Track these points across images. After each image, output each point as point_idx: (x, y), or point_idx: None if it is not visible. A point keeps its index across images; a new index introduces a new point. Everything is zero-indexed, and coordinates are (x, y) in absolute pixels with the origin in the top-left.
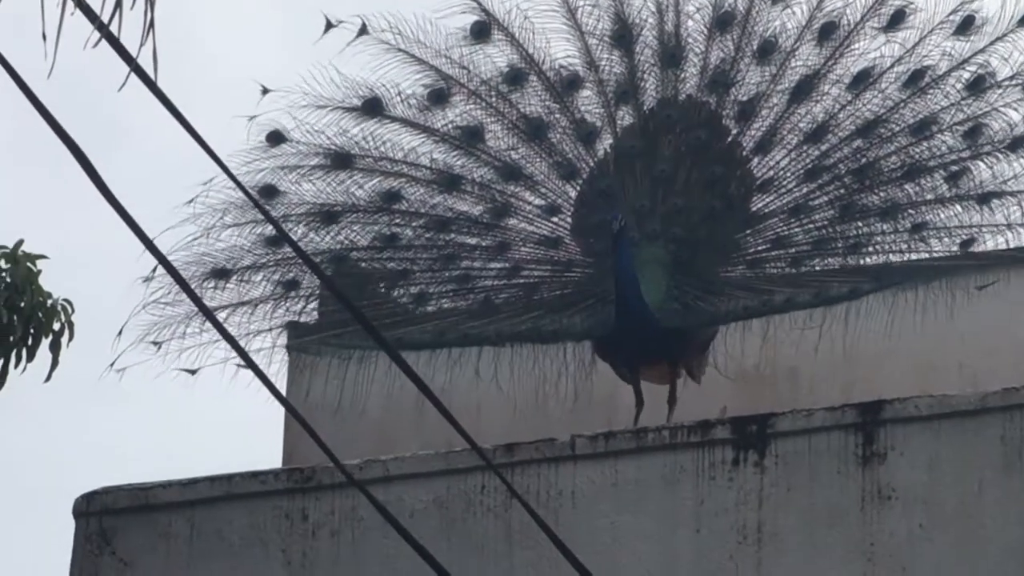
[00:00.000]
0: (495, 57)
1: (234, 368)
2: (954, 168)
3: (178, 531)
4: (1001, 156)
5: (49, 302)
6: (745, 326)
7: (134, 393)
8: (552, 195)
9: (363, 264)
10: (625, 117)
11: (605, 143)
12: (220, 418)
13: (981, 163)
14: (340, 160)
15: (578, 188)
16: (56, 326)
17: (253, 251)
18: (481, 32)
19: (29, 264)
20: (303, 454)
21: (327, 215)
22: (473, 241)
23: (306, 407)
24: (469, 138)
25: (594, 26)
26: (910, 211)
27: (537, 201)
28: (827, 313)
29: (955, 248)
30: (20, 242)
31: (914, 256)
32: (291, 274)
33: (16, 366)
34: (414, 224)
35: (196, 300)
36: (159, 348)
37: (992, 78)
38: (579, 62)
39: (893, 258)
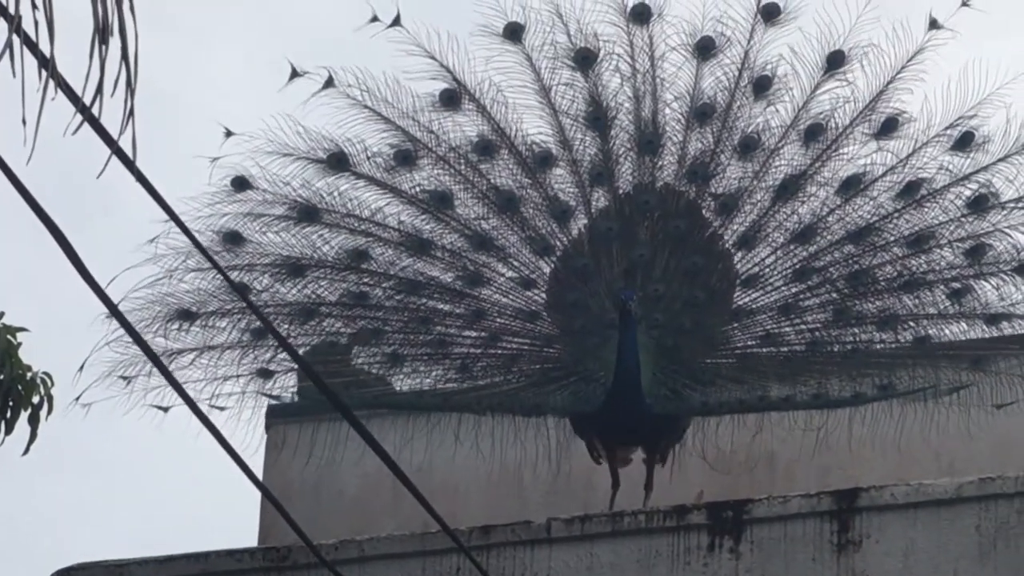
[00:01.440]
0: (464, 126)
1: (208, 409)
2: (956, 285)
3: None
4: (1007, 279)
5: (28, 375)
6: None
7: (112, 464)
8: (525, 269)
9: (333, 319)
10: (600, 199)
11: (579, 223)
12: (198, 493)
13: (986, 283)
14: (305, 213)
15: (552, 264)
16: (35, 399)
17: (218, 296)
18: (451, 100)
19: (9, 337)
20: (280, 531)
21: (293, 268)
22: (446, 307)
23: (283, 484)
24: (438, 203)
25: (568, 106)
26: (910, 323)
27: (510, 273)
28: (828, 415)
29: (964, 366)
30: (0, 315)
31: (919, 369)
32: (258, 323)
33: None
34: (383, 285)
35: (153, 358)
36: (128, 383)
37: (995, 198)
38: (552, 140)
39: (897, 370)
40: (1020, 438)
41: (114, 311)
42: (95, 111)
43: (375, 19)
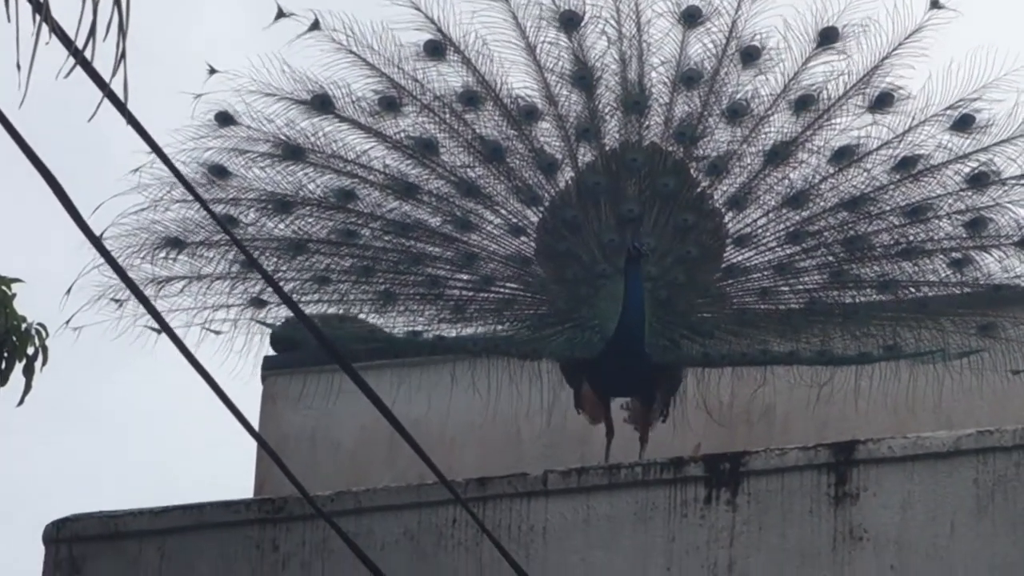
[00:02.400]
0: (449, 77)
1: (203, 333)
2: (956, 255)
3: (148, 560)
4: (1010, 251)
5: (23, 326)
6: None
7: (106, 417)
8: (513, 217)
9: (322, 255)
10: (586, 154)
11: (566, 175)
12: (193, 443)
13: (988, 255)
14: (290, 151)
15: (540, 214)
16: (30, 350)
17: (205, 227)
18: (435, 50)
19: (3, 287)
20: (275, 483)
21: (279, 203)
22: (436, 251)
23: (279, 435)
24: (423, 149)
25: (553, 64)
26: (911, 289)
27: (498, 220)
28: (833, 372)
29: (971, 331)
30: None
31: (924, 332)
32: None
33: None
34: (371, 225)
35: (139, 295)
36: (120, 306)
37: (996, 175)
38: (537, 95)
39: (902, 331)
40: (1019, 392)
41: (96, 243)
42: (88, 54)
43: None
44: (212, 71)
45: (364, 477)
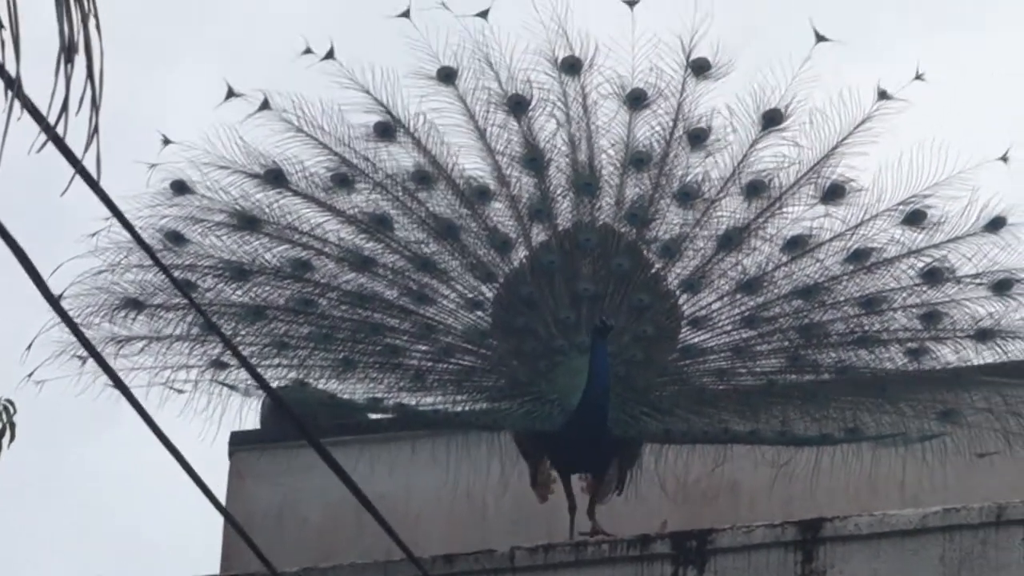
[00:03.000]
0: (400, 157)
1: (166, 392)
2: (912, 346)
3: None
4: (966, 344)
5: None
6: None
7: (72, 488)
8: (469, 292)
9: (281, 322)
10: (540, 233)
11: (520, 253)
12: (160, 516)
13: (944, 347)
14: (245, 221)
15: (495, 290)
16: None
17: (163, 291)
18: (385, 131)
19: None
20: (242, 558)
21: (237, 270)
22: (394, 322)
23: (246, 512)
24: (377, 225)
25: (503, 147)
26: (868, 375)
27: (454, 295)
28: (795, 452)
29: (931, 417)
30: None
31: (884, 416)
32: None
33: None
34: (328, 295)
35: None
36: (84, 363)
37: (950, 272)
38: (489, 176)
39: (861, 415)
40: (984, 467)
41: (56, 306)
42: (60, 129)
43: (308, 51)
44: (166, 141)
45: (331, 553)
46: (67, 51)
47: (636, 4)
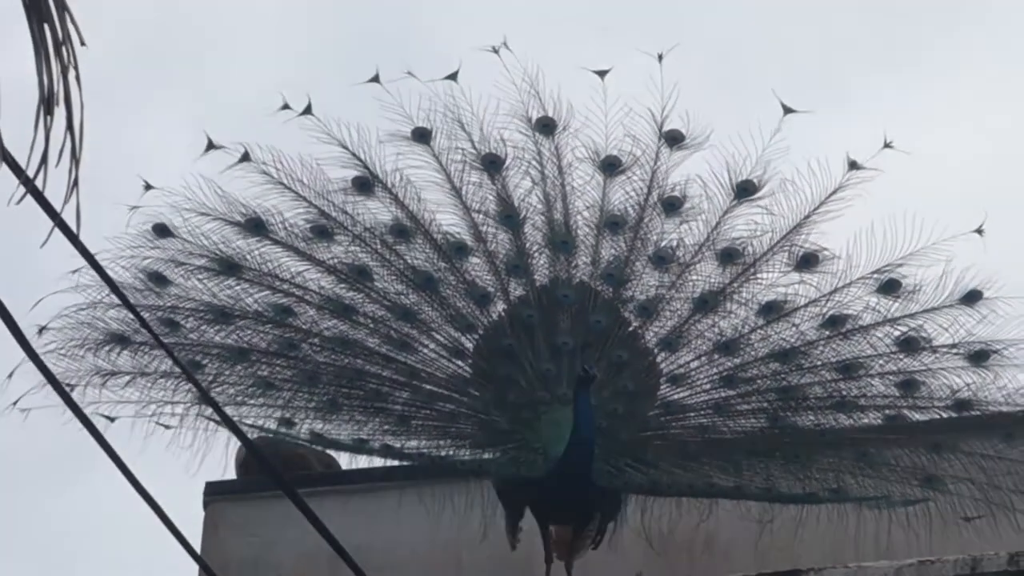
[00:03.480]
0: (377, 212)
1: (151, 425)
2: (890, 412)
3: None
4: (944, 414)
5: None
6: None
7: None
8: (450, 342)
9: (264, 364)
10: (517, 288)
11: (499, 307)
12: (134, 565)
13: (922, 415)
14: (226, 266)
15: (474, 341)
16: None
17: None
18: (363, 186)
19: None
20: None
21: (219, 313)
22: (375, 369)
23: (222, 562)
24: (356, 275)
25: (479, 204)
26: (847, 439)
27: (433, 345)
28: (779, 509)
29: (914, 483)
30: None
31: (866, 480)
32: (191, 356)
33: None
34: (310, 341)
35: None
36: (71, 390)
37: (926, 342)
38: (466, 232)
39: (844, 477)
40: (959, 522)
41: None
42: (39, 182)
43: (286, 107)
44: (148, 187)
45: None
46: (47, 103)
47: (606, 74)
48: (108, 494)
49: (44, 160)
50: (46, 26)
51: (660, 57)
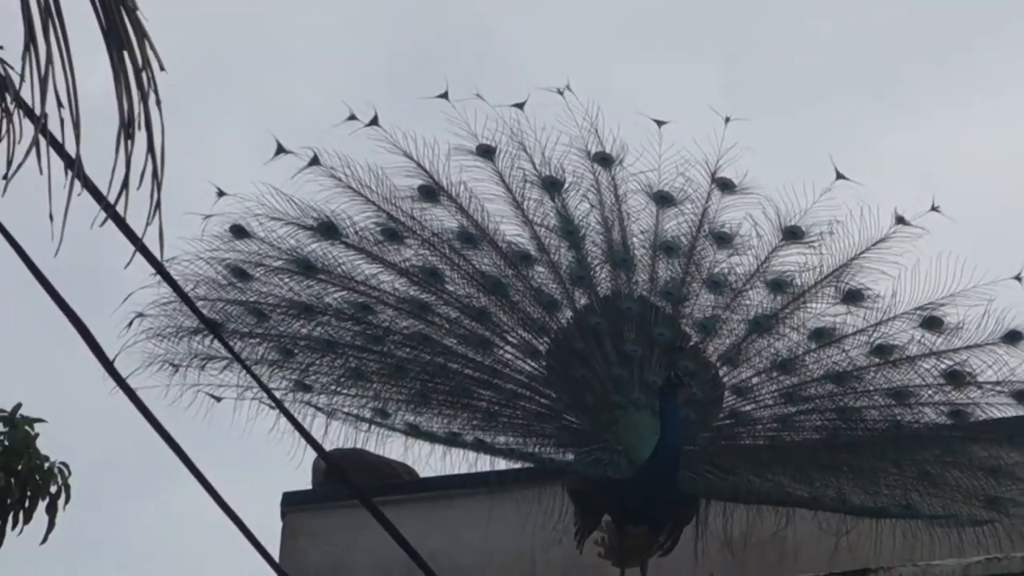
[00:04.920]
0: (443, 219)
1: (256, 405)
2: (945, 436)
3: None
4: (992, 445)
5: (46, 465)
6: None
7: (128, 549)
8: (524, 344)
9: (350, 357)
10: (582, 297)
11: (567, 314)
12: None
13: (976, 446)
14: (304, 267)
15: (546, 345)
16: (53, 488)
17: (239, 319)
18: (429, 194)
19: (27, 427)
20: None
21: (303, 308)
22: (456, 366)
23: (298, 571)
24: (428, 277)
25: (541, 219)
26: (910, 460)
27: (507, 347)
28: (855, 521)
29: (979, 504)
30: (18, 406)
31: (932, 499)
32: (283, 342)
33: (13, 528)
34: (391, 338)
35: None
36: (176, 371)
37: (972, 377)
38: (529, 243)
39: (911, 495)
40: None
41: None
42: (120, 206)
43: (353, 117)
44: (221, 193)
45: None
46: (127, 128)
47: (664, 125)
48: (188, 504)
49: (125, 185)
50: (125, 53)
51: (727, 120)
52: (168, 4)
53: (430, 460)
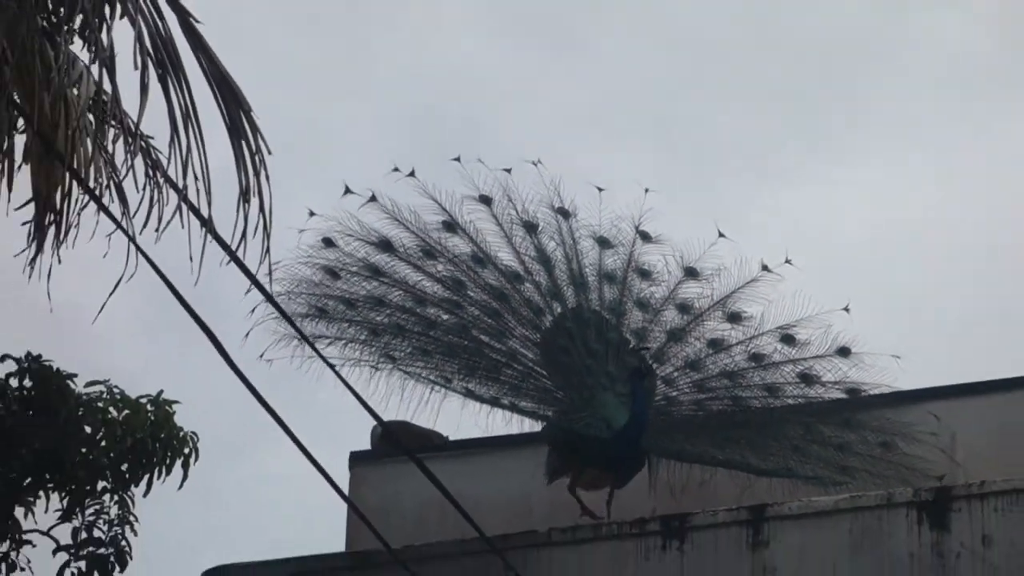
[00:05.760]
0: (460, 245)
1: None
2: (804, 421)
3: None
4: (841, 428)
5: (181, 434)
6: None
7: (239, 494)
8: (523, 337)
9: (413, 339)
10: (558, 307)
11: (548, 319)
12: (300, 517)
13: (825, 427)
14: (372, 271)
15: (538, 339)
16: (186, 451)
17: (333, 309)
18: (449, 227)
19: (167, 407)
20: (360, 543)
21: (376, 301)
22: (487, 350)
23: (363, 509)
24: (456, 286)
25: (525, 250)
26: (783, 436)
27: (515, 339)
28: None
29: (835, 470)
30: (160, 392)
31: (800, 464)
32: (378, 320)
33: (158, 478)
34: (440, 327)
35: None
36: (300, 344)
37: (817, 378)
38: (518, 267)
39: (790, 462)
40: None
41: (233, 368)
42: (240, 252)
43: (396, 169)
44: (311, 213)
45: (423, 537)
46: (245, 195)
47: (603, 191)
48: (281, 465)
49: (244, 237)
50: (243, 142)
51: (646, 190)
52: (268, 103)
53: (477, 420)
